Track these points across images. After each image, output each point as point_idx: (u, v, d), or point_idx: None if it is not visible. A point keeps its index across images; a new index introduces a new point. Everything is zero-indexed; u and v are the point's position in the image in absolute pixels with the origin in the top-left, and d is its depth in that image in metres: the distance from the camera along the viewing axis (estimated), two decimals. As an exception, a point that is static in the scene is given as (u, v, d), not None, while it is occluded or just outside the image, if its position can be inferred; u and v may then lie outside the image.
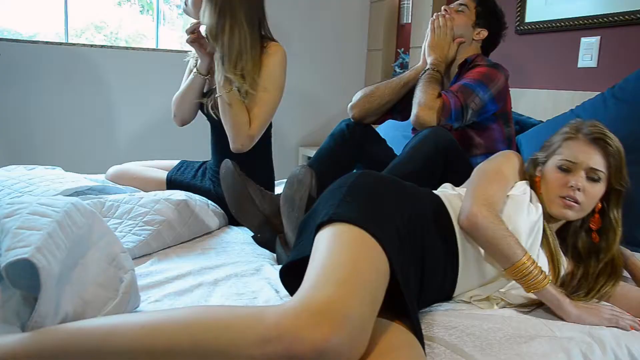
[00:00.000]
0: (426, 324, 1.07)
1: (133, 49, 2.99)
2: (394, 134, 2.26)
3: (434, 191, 1.32)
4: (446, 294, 1.21)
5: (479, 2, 1.94)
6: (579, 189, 1.24)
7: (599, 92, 1.98)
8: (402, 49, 3.21)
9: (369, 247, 0.95)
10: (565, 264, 1.29)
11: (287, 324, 0.77)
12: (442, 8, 1.96)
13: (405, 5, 3.24)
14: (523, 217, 1.22)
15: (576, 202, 1.24)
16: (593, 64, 2.28)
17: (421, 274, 1.11)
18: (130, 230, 1.50)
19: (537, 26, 2.52)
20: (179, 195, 1.68)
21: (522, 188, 1.30)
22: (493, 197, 1.22)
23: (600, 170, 1.25)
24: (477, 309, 1.17)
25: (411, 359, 0.87)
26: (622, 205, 1.31)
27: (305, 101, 3.27)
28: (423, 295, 1.13)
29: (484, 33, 1.93)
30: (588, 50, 2.32)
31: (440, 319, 1.08)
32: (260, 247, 1.58)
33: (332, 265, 0.89)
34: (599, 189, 1.26)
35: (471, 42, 1.93)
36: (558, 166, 1.28)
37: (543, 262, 1.21)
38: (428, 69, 1.83)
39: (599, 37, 2.29)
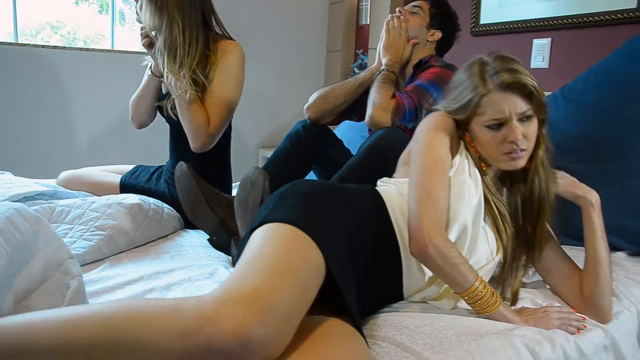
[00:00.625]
0: (378, 324, 1.07)
1: (88, 49, 2.92)
2: (351, 135, 2.26)
3: (377, 187, 1.30)
4: (397, 294, 1.21)
5: (432, 4, 1.97)
6: (520, 139, 1.18)
7: (550, 92, 2.03)
8: (361, 50, 3.23)
9: (301, 242, 0.94)
10: (510, 226, 1.24)
11: (208, 314, 0.75)
12: (397, 9, 1.98)
13: (364, 6, 3.26)
14: (465, 206, 1.18)
15: (522, 150, 1.19)
16: (545, 64, 2.34)
17: (365, 273, 1.10)
18: (81, 235, 1.47)
19: (491, 28, 2.57)
20: (132, 199, 1.64)
21: (458, 164, 1.23)
22: (440, 209, 1.15)
23: (528, 108, 1.19)
24: (430, 308, 1.18)
25: (351, 347, 0.86)
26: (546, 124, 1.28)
27: (265, 103, 3.26)
28: (370, 295, 1.13)
29: (438, 34, 1.96)
30: (540, 51, 2.38)
31: (392, 319, 1.09)
32: (215, 250, 1.56)
33: (259, 257, 0.89)
34: (534, 125, 1.21)
35: (425, 43, 1.95)
36: (487, 126, 1.20)
37: (490, 234, 1.22)
38: (383, 69, 1.84)
39: (550, 39, 2.35)
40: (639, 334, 1.26)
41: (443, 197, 1.17)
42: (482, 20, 2.61)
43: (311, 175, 2.03)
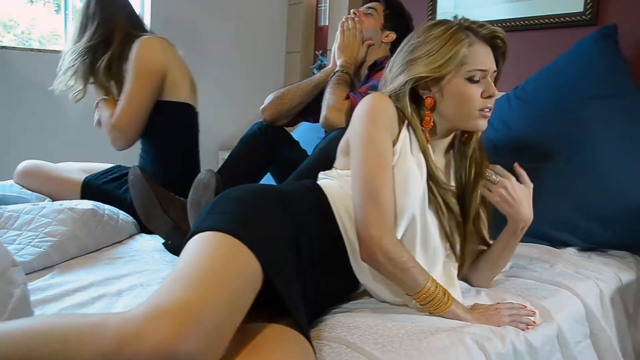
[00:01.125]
0: (329, 325, 1.07)
1: (39, 50, 2.84)
2: (308, 136, 2.26)
3: (320, 181, 1.27)
4: (352, 288, 1.22)
5: (386, 6, 1.98)
6: (491, 96, 1.19)
7: (504, 93, 2.07)
8: (320, 52, 3.23)
9: (233, 249, 0.92)
10: (456, 214, 1.25)
11: (129, 333, 0.71)
12: (351, 11, 1.98)
13: (323, 7, 3.27)
14: (409, 198, 1.15)
15: (490, 110, 1.20)
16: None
17: (312, 273, 1.09)
18: (30, 242, 1.43)
19: (447, 29, 2.60)
20: (85, 204, 1.61)
21: (399, 151, 1.18)
22: (386, 210, 1.12)
23: (498, 69, 1.22)
24: (383, 308, 1.18)
25: (293, 352, 0.86)
26: None
27: (224, 104, 3.22)
28: (322, 293, 1.13)
29: (392, 36, 1.97)
30: (493, 52, 2.42)
31: (344, 320, 1.09)
32: (170, 254, 1.54)
33: (188, 269, 0.86)
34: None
35: (380, 45, 1.96)
36: (468, 78, 1.18)
37: (432, 223, 1.21)
38: (337, 71, 1.84)
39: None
40: (582, 322, 1.31)
41: (388, 195, 1.13)
42: (438, 22, 2.64)
43: (268, 177, 2.03)
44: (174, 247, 1.57)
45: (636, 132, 1.71)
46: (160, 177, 1.65)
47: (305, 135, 2.34)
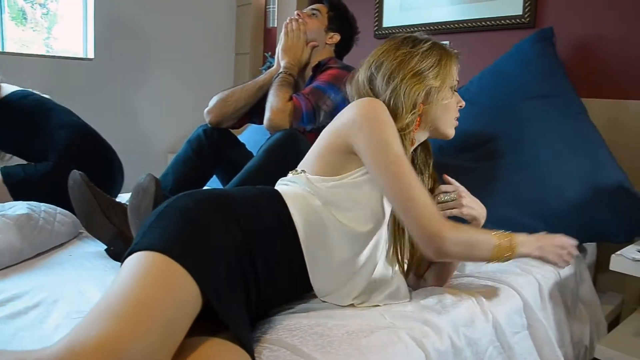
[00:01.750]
0: (272, 327, 1.07)
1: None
2: (257, 138, 2.25)
3: (281, 187, 1.23)
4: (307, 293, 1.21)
5: (331, 7, 1.99)
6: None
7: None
8: (270, 53, 3.23)
9: (169, 274, 0.88)
10: None
11: None
12: (295, 12, 1.99)
13: (271, 9, 3.27)
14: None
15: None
16: (443, 66, 2.43)
17: (263, 284, 1.06)
18: (-38, 251, 1.37)
19: (394, 31, 2.64)
20: (20, 208, 1.55)
21: None
22: (427, 204, 1.12)
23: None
24: (328, 307, 1.19)
25: None
26: None
27: (173, 106, 3.18)
28: (273, 302, 1.13)
29: (337, 37, 1.98)
30: (439, 54, 2.46)
31: (287, 322, 1.09)
32: (113, 260, 1.50)
33: (114, 298, 0.82)
34: None
35: (324, 46, 1.98)
36: (451, 87, 1.28)
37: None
38: (281, 72, 1.84)
39: (448, 42, 2.44)
40: (520, 314, 1.35)
41: (421, 190, 1.14)
42: (385, 24, 2.68)
43: (214, 180, 2.01)
44: (117, 253, 1.53)
45: (571, 131, 1.77)
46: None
47: (255, 137, 2.33)
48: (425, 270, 1.36)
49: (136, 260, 0.91)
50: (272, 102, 1.74)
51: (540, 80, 1.88)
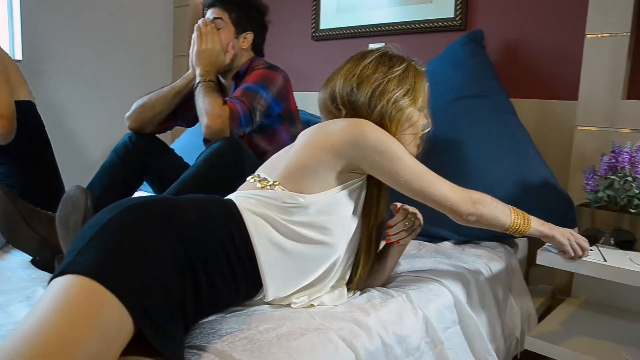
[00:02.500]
0: (203, 333, 1.05)
1: None
2: (195, 142, 2.22)
3: (237, 200, 1.18)
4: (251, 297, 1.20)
5: (231, 9, 1.90)
6: None
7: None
8: (208, 55, 3.19)
9: (96, 303, 0.84)
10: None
11: None
12: (203, 19, 1.89)
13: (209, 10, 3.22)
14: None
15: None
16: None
17: (196, 301, 1.03)
18: None
19: (330, 33, 2.66)
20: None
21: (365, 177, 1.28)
22: (450, 190, 1.23)
23: None
24: (261, 311, 1.18)
25: None
26: None
27: (110, 111, 3.09)
28: (215, 312, 1.12)
29: (250, 36, 1.93)
30: (375, 55, 2.49)
31: (218, 327, 1.07)
32: (39, 271, 1.45)
33: (32, 331, 0.78)
34: None
35: (241, 52, 1.92)
36: (421, 107, 1.34)
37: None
38: (199, 82, 1.77)
39: (383, 44, 2.47)
40: (451, 310, 1.38)
41: (444, 183, 1.25)
42: (322, 26, 2.69)
43: (145, 187, 1.97)
44: (44, 262, 1.48)
45: (501, 130, 1.83)
46: (19, 187, 1.55)
47: (193, 140, 2.30)
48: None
49: (63, 286, 0.86)
50: (207, 109, 1.68)
51: (471, 81, 1.93)
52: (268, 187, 1.19)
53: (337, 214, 1.20)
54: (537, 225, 1.33)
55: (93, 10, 2.92)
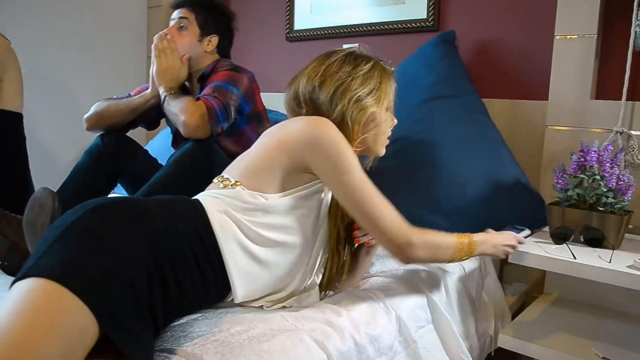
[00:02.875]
0: (174, 336, 1.04)
1: None
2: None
3: (203, 200, 1.17)
4: (221, 300, 1.19)
5: (197, 11, 1.88)
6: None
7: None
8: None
9: (59, 306, 0.83)
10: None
11: None
12: (164, 31, 1.88)
13: (183, 11, 3.20)
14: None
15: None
16: (354, 69, 2.47)
17: (165, 302, 1.02)
18: None
19: (305, 34, 2.66)
20: None
21: None
22: (394, 212, 1.18)
23: None
24: (234, 312, 1.17)
25: None
26: None
27: (82, 113, 3.04)
28: (179, 317, 1.11)
29: (214, 40, 1.90)
30: (349, 56, 2.50)
31: (189, 330, 1.06)
32: (7, 276, 1.42)
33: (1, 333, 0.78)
34: None
35: (204, 55, 1.90)
36: (387, 107, 1.33)
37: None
38: (165, 95, 1.76)
39: (357, 45, 2.48)
40: (424, 309, 1.39)
41: (385, 206, 1.18)
42: (296, 27, 2.69)
43: (119, 189, 1.95)
44: (12, 268, 1.45)
45: (473, 130, 1.85)
46: None
47: (168, 142, 2.27)
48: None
49: (24, 290, 0.85)
50: (181, 107, 1.67)
51: (443, 81, 1.94)
52: (230, 186, 1.18)
53: (301, 215, 1.19)
54: (481, 249, 1.33)
55: (62, 9, 2.87)
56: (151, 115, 1.81)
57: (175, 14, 1.89)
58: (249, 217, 1.15)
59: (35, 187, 1.95)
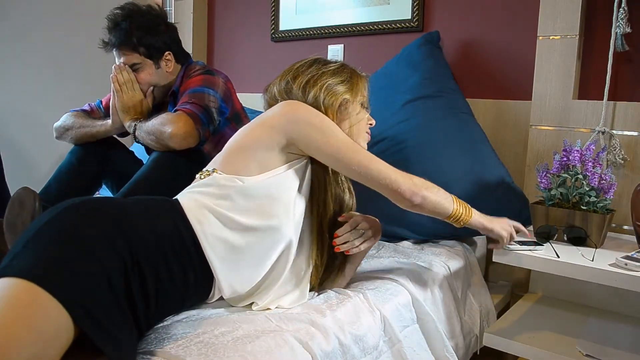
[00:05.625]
0: (158, 338, 1.03)
1: None
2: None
3: (181, 198, 1.18)
4: (203, 301, 1.19)
5: (136, 45, 1.75)
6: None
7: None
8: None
9: (33, 306, 0.83)
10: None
11: None
12: (119, 63, 1.79)
13: (168, 10, 3.18)
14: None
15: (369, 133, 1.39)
16: (340, 69, 2.47)
17: (145, 300, 1.02)
18: None
19: (290, 34, 2.65)
20: None
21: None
22: (388, 169, 1.23)
23: None
24: (217, 314, 1.16)
25: None
26: None
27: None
28: (161, 316, 1.10)
29: (170, 55, 1.83)
30: (334, 56, 2.50)
31: (173, 332, 1.06)
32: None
33: None
34: None
35: (167, 75, 1.85)
36: (361, 103, 1.35)
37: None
38: (135, 125, 1.73)
39: (343, 45, 2.49)
40: (409, 308, 1.39)
41: (381, 162, 1.24)
42: (282, 27, 2.68)
43: (104, 190, 1.93)
44: (-7, 270, 1.43)
45: (457, 130, 1.85)
46: None
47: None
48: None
49: (0, 287, 0.84)
50: (161, 121, 1.63)
51: (427, 81, 1.95)
52: (208, 176, 1.20)
53: (278, 196, 1.18)
54: (478, 217, 1.35)
55: (44, 10, 2.84)
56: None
57: (119, 58, 1.78)
58: (226, 202, 1.14)
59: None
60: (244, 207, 1.15)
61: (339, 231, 1.30)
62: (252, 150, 1.19)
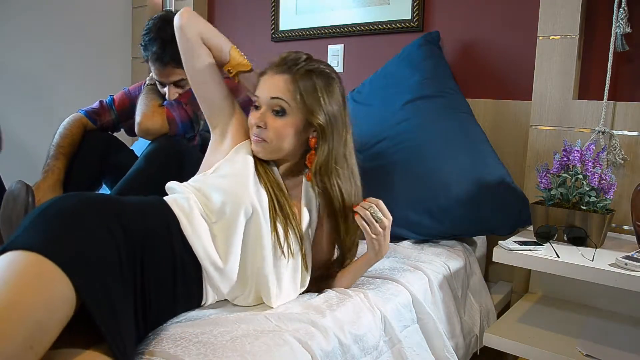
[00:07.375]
0: (157, 338, 1.03)
1: None
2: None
3: (167, 198, 1.22)
4: (198, 303, 1.20)
5: (178, 61, 1.59)
6: (260, 126, 1.22)
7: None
8: (168, 57, 3.14)
9: (42, 275, 0.85)
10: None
11: None
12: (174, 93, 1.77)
13: (167, 10, 3.18)
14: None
15: (263, 139, 1.23)
16: (340, 69, 2.47)
17: (147, 291, 1.05)
18: None
19: (290, 34, 2.65)
20: None
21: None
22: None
23: (282, 99, 1.21)
24: (215, 315, 1.16)
25: None
26: (331, 140, 1.27)
27: (66, 114, 3.01)
28: (163, 311, 1.11)
29: (181, 72, 1.74)
30: (335, 56, 2.50)
31: (172, 332, 1.06)
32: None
33: None
34: (284, 122, 1.22)
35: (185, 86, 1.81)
36: (253, 102, 1.28)
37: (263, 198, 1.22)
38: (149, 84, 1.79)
39: (343, 45, 2.49)
40: (410, 308, 1.39)
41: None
42: (282, 27, 2.68)
43: (104, 189, 1.93)
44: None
45: (457, 130, 1.85)
46: None
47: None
48: (336, 270, 1.38)
49: (7, 261, 0.87)
50: (142, 109, 1.70)
51: (427, 81, 1.94)
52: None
53: (233, 171, 1.23)
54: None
55: (45, 9, 2.84)
56: (132, 124, 1.78)
57: (159, 72, 1.73)
58: (203, 178, 1.24)
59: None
60: (212, 185, 1.22)
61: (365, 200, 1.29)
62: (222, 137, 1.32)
